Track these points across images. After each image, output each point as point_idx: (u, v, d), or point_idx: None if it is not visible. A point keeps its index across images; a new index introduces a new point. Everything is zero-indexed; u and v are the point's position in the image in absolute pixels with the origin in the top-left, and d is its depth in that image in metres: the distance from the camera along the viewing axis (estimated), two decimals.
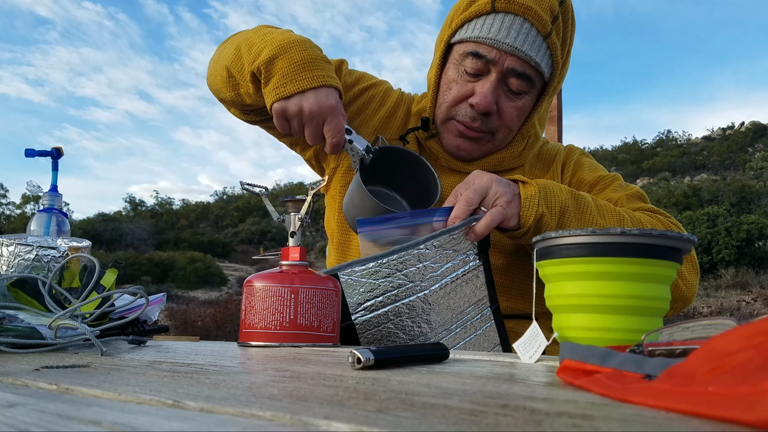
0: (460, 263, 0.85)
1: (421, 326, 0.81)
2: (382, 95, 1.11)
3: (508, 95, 0.97)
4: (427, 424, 0.26)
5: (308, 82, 0.87)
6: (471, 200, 0.84)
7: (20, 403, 0.32)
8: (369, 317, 0.81)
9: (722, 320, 0.38)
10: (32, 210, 1.13)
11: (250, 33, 0.96)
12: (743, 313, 9.03)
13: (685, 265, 0.96)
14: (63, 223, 0.95)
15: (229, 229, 35.59)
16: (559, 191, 0.89)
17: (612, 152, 51.22)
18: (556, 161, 1.11)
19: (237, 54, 0.94)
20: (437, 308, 0.82)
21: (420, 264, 0.81)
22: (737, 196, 20.07)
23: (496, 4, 0.93)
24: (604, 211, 0.91)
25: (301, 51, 0.89)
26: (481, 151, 1.04)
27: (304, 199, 0.78)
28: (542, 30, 0.93)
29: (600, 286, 0.57)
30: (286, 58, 0.88)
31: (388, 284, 0.81)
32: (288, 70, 0.88)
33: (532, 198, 0.85)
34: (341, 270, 0.82)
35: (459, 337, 0.84)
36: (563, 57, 0.98)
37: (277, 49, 0.89)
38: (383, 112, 1.09)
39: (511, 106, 0.98)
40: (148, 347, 0.72)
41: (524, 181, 0.88)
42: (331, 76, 0.90)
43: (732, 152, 39.56)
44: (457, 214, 0.84)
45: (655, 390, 0.30)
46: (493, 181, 0.85)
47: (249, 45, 0.92)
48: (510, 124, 1.00)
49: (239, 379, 0.41)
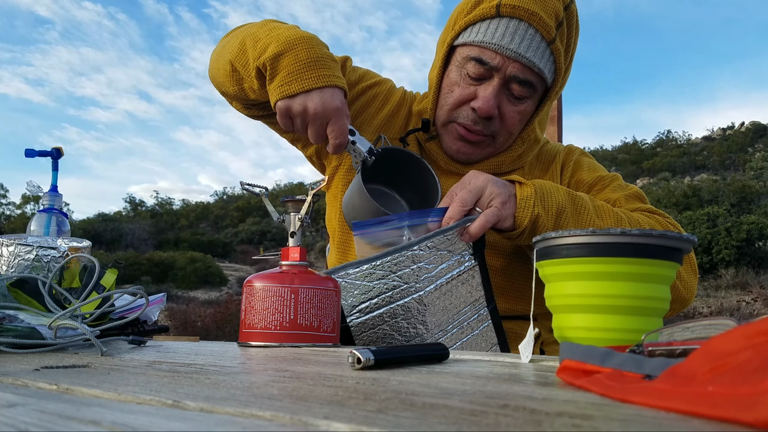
0: (455, 264, 0.85)
1: (416, 327, 0.81)
2: (385, 94, 1.11)
3: (510, 100, 0.97)
4: (427, 424, 0.26)
5: (314, 82, 0.87)
6: (465, 201, 0.83)
7: (20, 403, 0.32)
8: (364, 319, 0.81)
9: (722, 320, 0.38)
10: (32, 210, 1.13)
11: (256, 27, 0.95)
12: (743, 313, 9.03)
13: (684, 266, 0.96)
14: (63, 223, 0.95)
15: (229, 229, 35.59)
16: (556, 192, 0.88)
17: (612, 152, 51.21)
18: (555, 161, 1.11)
19: (242, 48, 0.93)
20: (432, 309, 0.82)
21: (414, 265, 0.81)
22: (737, 196, 20.07)
23: (501, 9, 0.92)
24: (602, 212, 0.91)
25: (308, 49, 0.88)
26: (481, 154, 1.03)
27: (304, 199, 0.78)
28: (546, 36, 0.93)
29: (600, 286, 0.57)
30: (292, 56, 0.87)
31: (383, 286, 0.81)
32: (294, 68, 0.87)
33: (528, 199, 0.85)
34: (335, 273, 0.82)
35: (455, 337, 0.84)
36: (566, 62, 0.98)
37: (283, 45, 0.88)
38: (386, 111, 1.09)
39: (512, 111, 0.98)
40: (148, 347, 0.72)
41: (521, 181, 0.88)
42: (337, 76, 0.89)
43: (732, 152, 39.56)
44: (452, 215, 0.84)
45: (655, 390, 0.30)
46: (488, 181, 0.85)
47: (254, 40, 0.91)
48: (511, 128, 1.00)
49: (239, 379, 0.41)
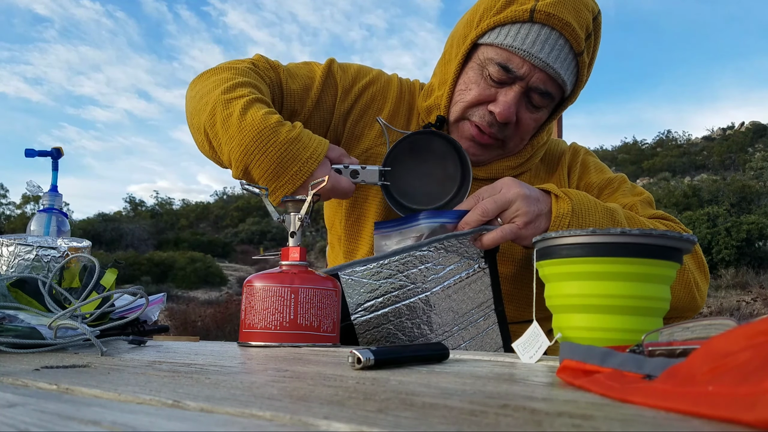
0: (464, 266, 0.84)
1: (421, 328, 0.81)
2: (382, 91, 1.07)
3: (528, 107, 0.95)
4: (427, 424, 0.26)
5: (291, 184, 0.83)
6: (488, 212, 0.81)
7: (20, 403, 0.32)
8: (369, 318, 0.81)
9: (722, 320, 0.38)
10: (32, 210, 1.12)
11: (215, 108, 0.87)
12: (743, 313, 9.03)
13: (699, 274, 0.95)
14: (63, 223, 0.95)
15: (229, 229, 35.57)
16: (594, 210, 0.85)
17: (612, 152, 51.22)
18: (561, 164, 1.09)
19: (213, 127, 0.88)
20: (438, 310, 0.82)
21: (422, 266, 0.81)
22: (737, 196, 20.08)
23: (534, 15, 0.88)
24: (634, 225, 0.89)
25: (264, 155, 0.82)
26: (489, 156, 1.01)
27: (304, 199, 0.78)
28: (576, 48, 0.90)
29: (600, 286, 0.57)
30: (257, 168, 0.83)
31: (390, 285, 0.81)
32: (267, 180, 0.84)
33: (564, 217, 0.83)
34: (342, 270, 0.82)
35: (460, 338, 0.84)
36: (588, 74, 0.96)
37: (242, 157, 0.83)
38: (387, 109, 1.06)
39: (529, 118, 0.96)
40: (148, 347, 0.72)
41: (557, 194, 0.85)
42: (308, 156, 0.83)
43: (732, 152, 39.57)
44: (469, 222, 0.82)
45: (655, 390, 0.30)
46: (519, 196, 0.81)
47: (215, 134, 0.87)
48: (524, 134, 0.98)
49: (239, 379, 0.41)
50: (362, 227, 1.03)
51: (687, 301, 0.93)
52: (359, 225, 1.04)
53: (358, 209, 1.03)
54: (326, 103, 1.02)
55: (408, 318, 0.81)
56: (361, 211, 1.03)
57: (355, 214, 1.04)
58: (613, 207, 0.90)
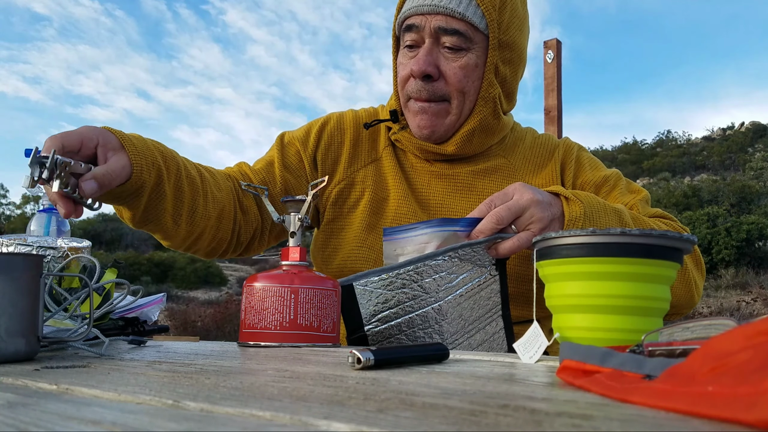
0: (476, 273, 0.83)
1: (432, 337, 0.81)
2: (338, 127, 1.08)
3: (447, 56, 0.96)
4: (427, 424, 0.26)
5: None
6: (502, 219, 0.80)
7: (20, 403, 0.32)
8: (382, 329, 0.81)
9: (722, 320, 0.38)
10: (32, 210, 1.13)
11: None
12: (743, 313, 9.03)
13: (696, 272, 0.96)
14: (63, 223, 0.95)
15: None
16: (603, 212, 0.85)
17: (612, 152, 51.23)
18: (553, 159, 1.08)
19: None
20: (449, 318, 0.81)
21: (436, 275, 0.80)
22: (737, 196, 20.09)
23: None
24: (641, 227, 0.89)
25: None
26: (444, 125, 0.99)
27: (304, 199, 0.78)
28: None
29: (600, 286, 0.57)
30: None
31: (403, 295, 0.80)
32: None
33: (577, 220, 0.82)
34: (357, 280, 0.81)
35: (468, 345, 0.83)
36: (501, 8, 0.96)
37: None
38: (347, 141, 1.07)
39: (453, 66, 0.96)
40: (148, 347, 0.72)
41: (567, 196, 0.84)
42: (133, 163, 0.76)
43: (732, 152, 39.59)
44: (483, 230, 0.81)
45: (655, 390, 0.30)
46: (532, 202, 0.81)
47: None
48: (458, 84, 0.97)
49: (239, 379, 0.41)
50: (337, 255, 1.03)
51: (686, 299, 0.94)
52: (334, 255, 1.03)
53: (334, 240, 1.03)
54: (292, 162, 1.05)
55: (421, 328, 0.80)
56: (337, 241, 1.03)
57: (332, 245, 1.03)
58: (620, 208, 0.90)
